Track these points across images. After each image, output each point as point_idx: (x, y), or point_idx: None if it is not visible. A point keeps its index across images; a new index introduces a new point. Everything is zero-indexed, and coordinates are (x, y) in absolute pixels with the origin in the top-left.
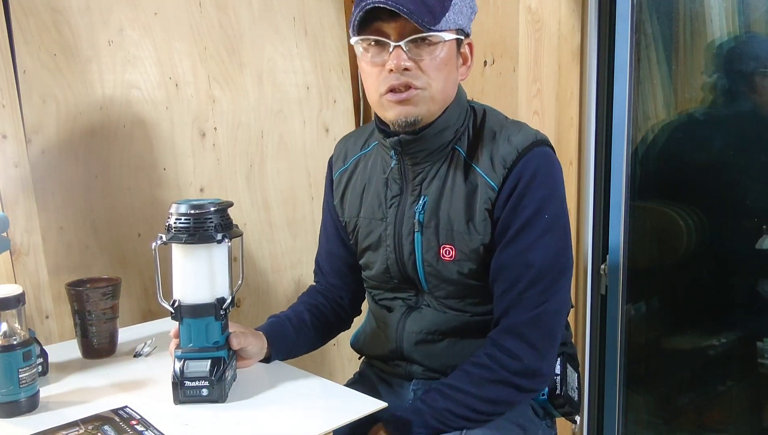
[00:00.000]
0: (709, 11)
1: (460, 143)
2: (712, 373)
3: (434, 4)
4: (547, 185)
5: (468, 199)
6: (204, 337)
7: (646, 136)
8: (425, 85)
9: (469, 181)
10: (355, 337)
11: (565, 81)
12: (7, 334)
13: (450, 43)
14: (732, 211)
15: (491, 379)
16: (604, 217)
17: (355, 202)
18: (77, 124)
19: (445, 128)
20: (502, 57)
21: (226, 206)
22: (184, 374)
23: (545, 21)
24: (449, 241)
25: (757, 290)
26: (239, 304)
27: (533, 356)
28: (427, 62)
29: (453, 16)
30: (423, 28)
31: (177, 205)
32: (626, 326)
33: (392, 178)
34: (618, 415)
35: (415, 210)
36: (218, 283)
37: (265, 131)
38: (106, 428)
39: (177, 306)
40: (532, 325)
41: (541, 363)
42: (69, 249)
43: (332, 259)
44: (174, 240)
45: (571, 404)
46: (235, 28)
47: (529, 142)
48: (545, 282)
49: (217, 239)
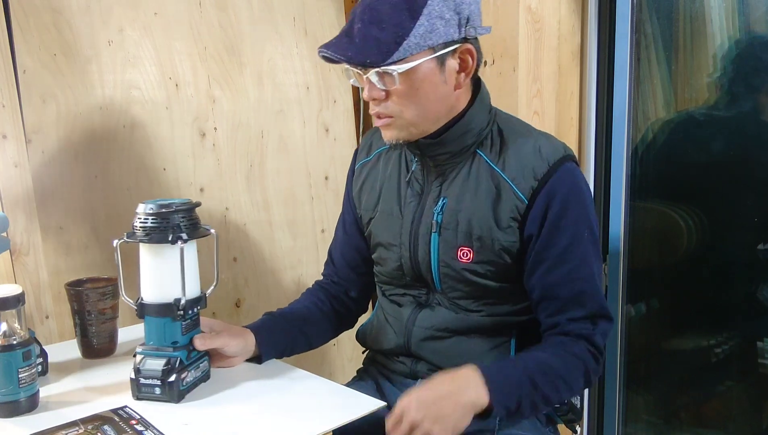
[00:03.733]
0: (709, 11)
1: (483, 147)
2: (713, 373)
3: (383, 38)
4: (581, 202)
5: (493, 205)
6: (162, 336)
7: (645, 136)
8: (396, 114)
9: (494, 186)
10: (362, 328)
11: (565, 81)
12: (7, 334)
13: (419, 67)
14: (732, 211)
15: (581, 370)
16: (604, 217)
17: (373, 196)
18: (77, 124)
19: (467, 131)
20: (502, 57)
21: (191, 207)
22: (140, 371)
23: (545, 21)
24: (468, 243)
25: (758, 291)
26: (239, 305)
27: (601, 346)
28: (394, 91)
29: (417, 40)
30: (370, 66)
31: (143, 205)
32: (626, 326)
33: (414, 178)
34: (618, 415)
35: (434, 211)
36: (176, 284)
37: (265, 131)
38: (105, 428)
39: (139, 304)
40: (599, 313)
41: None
42: (69, 249)
43: (347, 249)
44: (132, 238)
45: (574, 411)
46: (235, 28)
47: (559, 156)
48: (593, 285)
49: (169, 240)
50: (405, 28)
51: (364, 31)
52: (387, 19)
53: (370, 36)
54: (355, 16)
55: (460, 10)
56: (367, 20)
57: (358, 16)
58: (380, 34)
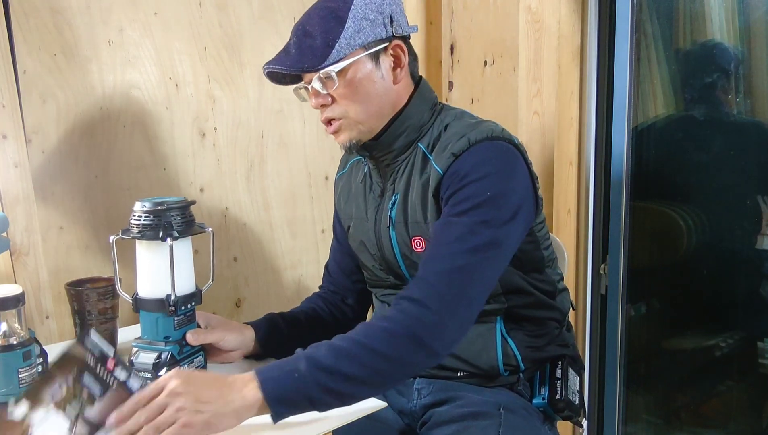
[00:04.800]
0: (709, 11)
1: (423, 140)
2: (713, 373)
3: (316, 45)
4: (495, 166)
5: (423, 190)
6: (155, 330)
7: (646, 136)
8: (343, 114)
9: (425, 173)
10: None
11: (565, 81)
12: (7, 334)
13: (354, 65)
14: (732, 211)
15: (397, 333)
16: (604, 217)
17: (350, 205)
18: (77, 124)
19: (405, 127)
20: (502, 57)
21: (185, 205)
22: (134, 364)
23: (545, 21)
24: (418, 233)
25: (759, 291)
26: (239, 305)
27: (446, 310)
28: (337, 93)
29: (347, 41)
30: (308, 71)
31: (139, 203)
32: (626, 326)
33: (375, 181)
34: (618, 415)
35: (388, 207)
36: (167, 280)
37: (265, 131)
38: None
39: (134, 298)
40: (445, 279)
41: (448, 319)
42: (69, 249)
43: (341, 257)
44: (127, 235)
45: (571, 408)
46: (235, 28)
47: (483, 135)
48: (465, 243)
49: (159, 237)
50: (334, 32)
51: (298, 43)
52: (317, 29)
53: (305, 46)
54: (291, 35)
55: (382, 10)
56: (301, 34)
57: (292, 34)
58: (313, 42)
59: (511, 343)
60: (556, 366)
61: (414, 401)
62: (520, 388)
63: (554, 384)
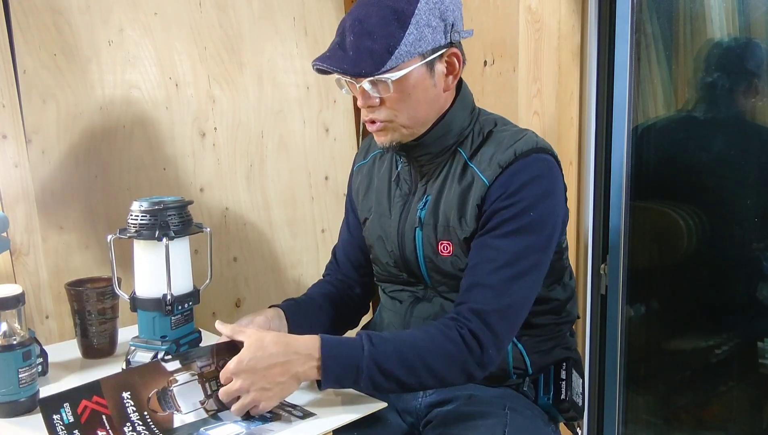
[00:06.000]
0: (709, 11)
1: (464, 145)
2: (713, 374)
3: (375, 49)
4: (542, 186)
5: (462, 196)
6: (151, 330)
7: (646, 136)
8: (390, 118)
9: (465, 179)
10: (364, 327)
11: (565, 81)
12: (7, 334)
13: (411, 73)
14: (733, 211)
15: (455, 359)
16: (604, 217)
17: (369, 197)
18: (77, 125)
19: (447, 132)
20: (502, 57)
21: (182, 205)
22: (130, 363)
23: (545, 21)
24: (446, 237)
25: (756, 295)
26: (239, 305)
27: (495, 348)
28: (388, 97)
29: (407, 48)
30: (364, 76)
31: (137, 203)
32: (626, 327)
33: (403, 179)
34: (618, 415)
35: (418, 207)
36: (164, 280)
37: (265, 131)
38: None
39: (132, 297)
40: (500, 316)
41: (497, 356)
42: (69, 249)
43: (351, 249)
44: (124, 234)
45: (576, 409)
46: (235, 28)
47: (528, 147)
48: (513, 270)
49: (156, 237)
50: (395, 37)
51: (356, 44)
52: (378, 31)
53: (363, 47)
54: (345, 29)
55: (445, 17)
56: (358, 33)
57: (348, 29)
58: (372, 45)
59: (522, 348)
60: (561, 368)
61: (419, 399)
62: (524, 389)
63: (559, 385)
